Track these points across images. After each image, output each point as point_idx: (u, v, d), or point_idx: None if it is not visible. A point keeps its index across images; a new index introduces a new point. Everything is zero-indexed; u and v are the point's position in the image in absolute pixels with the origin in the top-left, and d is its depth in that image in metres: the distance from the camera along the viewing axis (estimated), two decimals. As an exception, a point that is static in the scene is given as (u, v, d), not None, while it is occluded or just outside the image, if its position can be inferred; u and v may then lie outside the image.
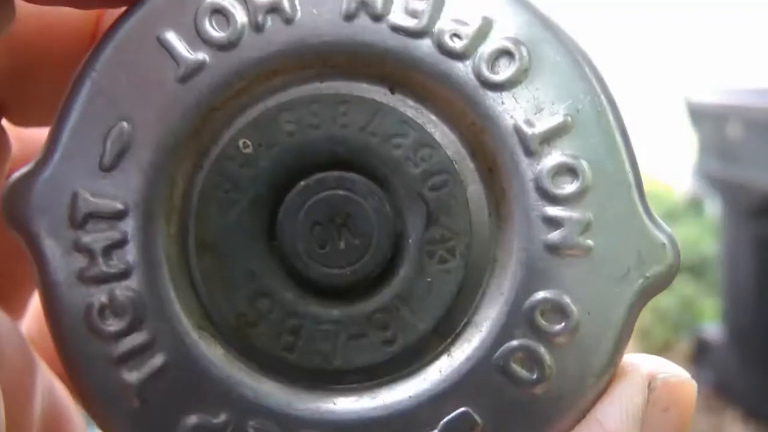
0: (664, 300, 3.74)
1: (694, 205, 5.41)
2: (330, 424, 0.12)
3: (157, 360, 0.12)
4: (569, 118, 0.13)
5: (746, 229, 2.78)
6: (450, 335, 0.13)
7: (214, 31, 0.12)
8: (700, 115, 2.88)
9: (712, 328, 3.22)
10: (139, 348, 0.12)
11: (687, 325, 3.61)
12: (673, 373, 0.16)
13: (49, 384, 0.19)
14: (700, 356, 3.26)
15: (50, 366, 0.19)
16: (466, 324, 0.13)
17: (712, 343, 3.14)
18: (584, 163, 0.13)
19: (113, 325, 0.12)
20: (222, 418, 0.12)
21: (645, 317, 3.92)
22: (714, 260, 3.78)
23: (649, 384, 0.15)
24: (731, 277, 2.90)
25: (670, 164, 6.21)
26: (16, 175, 0.13)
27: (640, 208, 0.14)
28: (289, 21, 0.12)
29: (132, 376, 0.12)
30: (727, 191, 2.78)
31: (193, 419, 0.12)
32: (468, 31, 0.13)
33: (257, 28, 0.12)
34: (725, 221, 2.90)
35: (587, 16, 8.26)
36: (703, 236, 4.54)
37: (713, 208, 3.77)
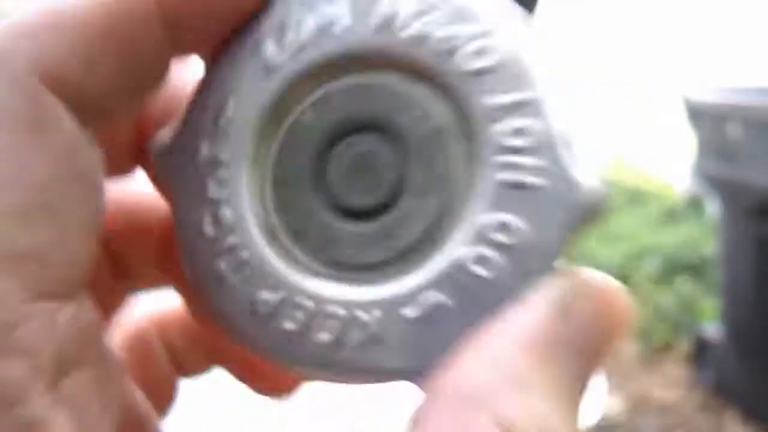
0: (664, 300, 3.74)
1: (694, 205, 5.42)
2: (347, 301, 0.19)
3: (241, 256, 0.20)
4: (525, 99, 0.19)
5: (746, 229, 2.78)
6: (432, 246, 0.19)
7: (292, 35, 0.20)
8: (700, 115, 2.89)
9: (712, 328, 3.22)
10: (230, 248, 0.20)
11: (687, 325, 3.61)
12: (610, 282, 0.19)
13: (131, 393, 0.22)
14: (700, 356, 3.27)
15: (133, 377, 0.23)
16: (442, 237, 0.19)
17: (712, 342, 3.14)
18: (535, 126, 0.19)
19: (213, 233, 0.20)
20: (279, 295, 0.19)
21: (645, 317, 3.93)
22: (714, 260, 3.78)
23: (582, 284, 0.19)
24: (730, 277, 2.91)
25: (670, 164, 6.22)
26: (163, 139, 0.20)
27: (579, 161, 0.19)
28: (336, 32, 0.20)
29: (223, 266, 0.20)
30: (727, 191, 2.79)
31: (261, 295, 0.19)
32: (460, 34, 0.20)
33: (322, 32, 0.20)
34: (725, 221, 2.90)
35: (588, 15, 8.27)
36: (703, 236, 4.55)
37: (713, 208, 3.78)
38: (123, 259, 0.23)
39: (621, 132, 7.40)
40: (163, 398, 0.25)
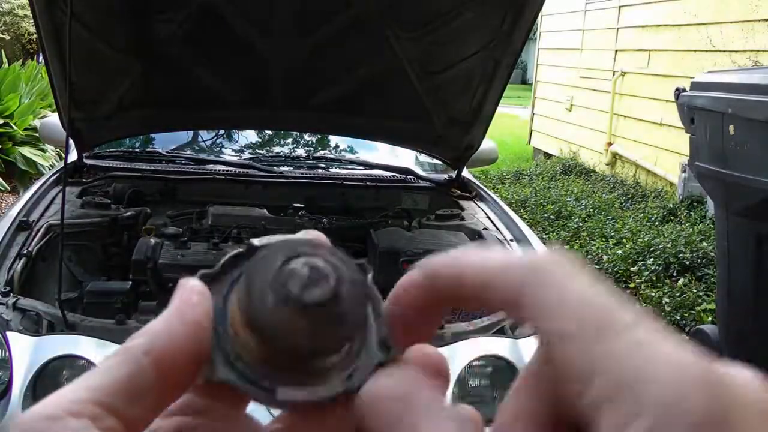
0: (664, 300, 3.75)
1: (694, 205, 5.42)
2: None
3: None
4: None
5: (744, 229, 2.79)
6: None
7: None
8: (700, 115, 2.89)
9: (711, 328, 3.23)
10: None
11: (686, 325, 3.62)
12: None
13: None
14: (699, 356, 3.27)
15: None
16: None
17: (711, 343, 3.15)
18: None
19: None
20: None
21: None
22: (713, 260, 3.78)
23: None
24: (729, 277, 2.92)
25: (670, 164, 6.21)
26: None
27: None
28: None
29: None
30: (727, 191, 2.79)
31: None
32: None
33: None
34: (724, 221, 2.91)
35: (591, 14, 8.22)
36: (702, 236, 4.56)
37: (713, 208, 3.79)
38: None
39: (620, 131, 7.36)
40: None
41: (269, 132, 3.64)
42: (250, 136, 3.61)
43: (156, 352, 0.27)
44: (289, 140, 3.67)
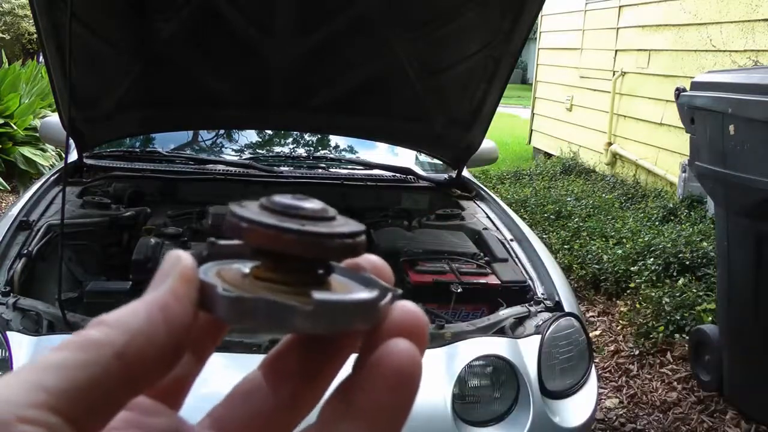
0: (664, 300, 3.74)
1: (694, 205, 5.42)
2: None
3: None
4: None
5: (744, 229, 2.79)
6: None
7: None
8: (700, 115, 2.89)
9: (711, 328, 3.23)
10: None
11: (686, 325, 3.62)
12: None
13: None
14: (699, 356, 3.27)
15: None
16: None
17: (711, 342, 3.15)
18: None
19: None
20: None
21: (645, 316, 3.91)
22: (714, 260, 3.78)
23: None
24: (729, 277, 2.91)
25: (669, 164, 6.21)
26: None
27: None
28: None
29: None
30: (727, 191, 2.79)
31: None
32: None
33: None
34: (724, 221, 2.90)
35: (591, 14, 8.20)
36: (702, 236, 4.55)
37: (713, 208, 3.78)
38: None
39: (620, 131, 7.36)
40: None
41: (269, 132, 3.64)
42: (250, 135, 3.61)
43: (131, 356, 0.23)
44: (290, 140, 3.67)
